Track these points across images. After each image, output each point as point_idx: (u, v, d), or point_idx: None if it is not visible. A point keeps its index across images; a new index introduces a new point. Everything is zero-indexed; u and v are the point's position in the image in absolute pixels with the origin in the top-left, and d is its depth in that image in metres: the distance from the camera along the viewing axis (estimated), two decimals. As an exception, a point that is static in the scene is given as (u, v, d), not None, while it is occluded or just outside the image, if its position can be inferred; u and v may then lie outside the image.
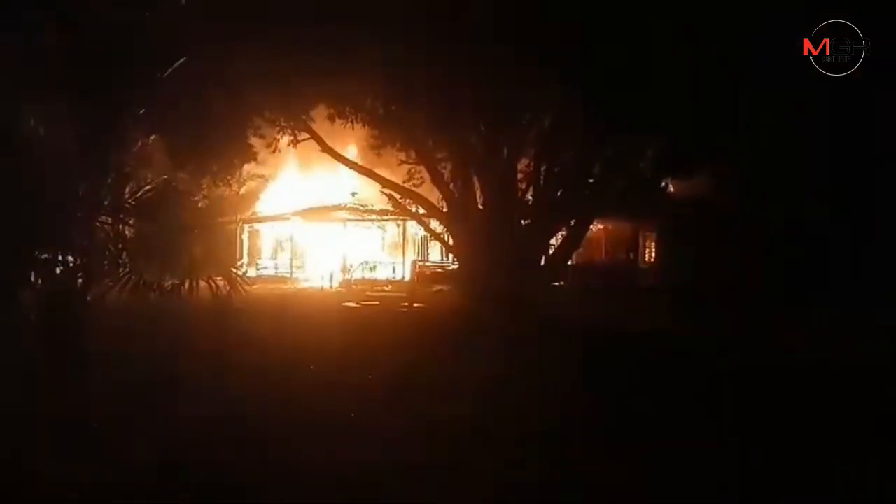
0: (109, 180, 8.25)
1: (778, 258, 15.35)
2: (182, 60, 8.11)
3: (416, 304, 10.85)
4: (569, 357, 8.52)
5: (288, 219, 26.57)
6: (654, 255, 24.16)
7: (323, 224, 26.35)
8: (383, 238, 27.19)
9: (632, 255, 24.51)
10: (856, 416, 6.58)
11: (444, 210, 15.18)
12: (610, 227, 23.11)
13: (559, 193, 14.89)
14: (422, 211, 16.37)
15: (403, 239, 25.97)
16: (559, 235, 16.01)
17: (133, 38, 7.34)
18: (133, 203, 8.09)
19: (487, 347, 8.53)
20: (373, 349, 8.75)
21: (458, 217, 14.58)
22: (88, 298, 7.78)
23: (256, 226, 27.81)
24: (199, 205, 15.91)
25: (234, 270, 9.20)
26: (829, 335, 10.48)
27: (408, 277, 21.36)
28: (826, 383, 7.86)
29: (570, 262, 17.55)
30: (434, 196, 15.66)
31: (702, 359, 9.11)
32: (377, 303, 11.02)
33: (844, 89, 8.80)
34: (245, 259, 26.47)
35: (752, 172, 14.17)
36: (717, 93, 10.73)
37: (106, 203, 8.04)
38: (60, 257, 7.81)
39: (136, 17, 7.44)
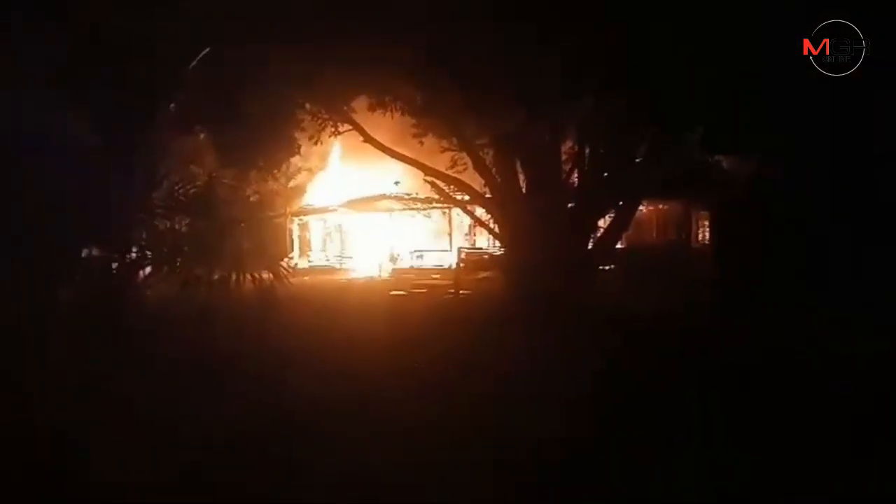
0: (160, 179, 8.54)
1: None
2: (206, 51, 8.27)
3: (462, 292, 10.89)
4: (596, 357, 8.21)
5: (335, 210, 26.89)
6: (707, 235, 23.76)
7: (370, 214, 26.58)
8: (430, 226, 27.33)
9: (683, 236, 24.12)
10: None
11: (488, 196, 15.17)
12: (661, 207, 22.75)
13: (605, 175, 14.75)
14: (466, 198, 16.39)
15: (450, 227, 26.05)
16: (607, 218, 15.83)
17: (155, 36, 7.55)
18: (184, 199, 8.36)
19: (513, 340, 8.49)
20: (418, 335, 8.87)
21: (501, 203, 14.56)
22: (148, 292, 8.10)
23: (305, 218, 28.24)
24: (250, 199, 16.22)
25: (284, 263, 9.46)
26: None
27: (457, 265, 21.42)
28: None
29: (619, 245, 17.32)
30: (477, 182, 15.64)
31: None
32: (424, 290, 11.09)
33: (844, 89, 8.54)
34: (296, 251, 26.97)
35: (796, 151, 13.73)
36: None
37: (158, 201, 8.32)
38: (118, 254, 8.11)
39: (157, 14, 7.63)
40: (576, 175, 14.80)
